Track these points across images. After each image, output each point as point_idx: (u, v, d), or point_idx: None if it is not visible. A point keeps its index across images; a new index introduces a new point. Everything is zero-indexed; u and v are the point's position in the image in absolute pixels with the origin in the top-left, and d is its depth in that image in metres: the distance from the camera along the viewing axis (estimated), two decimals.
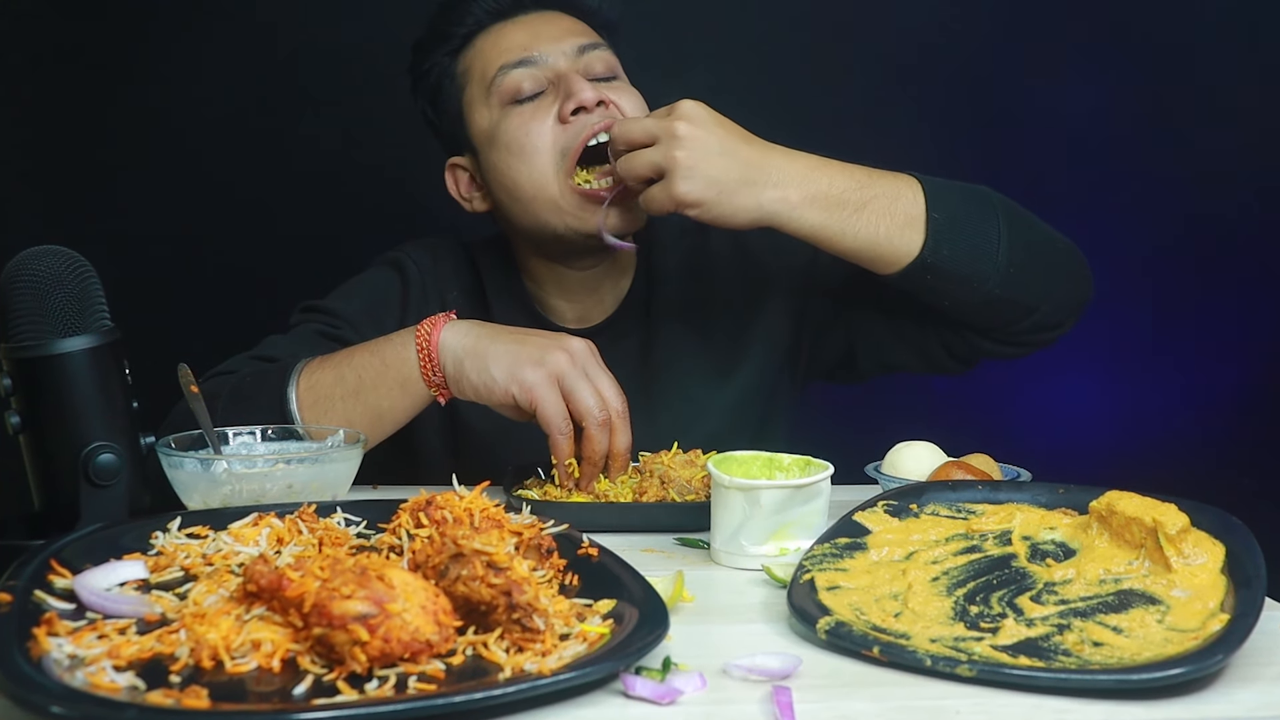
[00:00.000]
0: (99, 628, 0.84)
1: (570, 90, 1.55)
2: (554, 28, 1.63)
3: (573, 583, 0.97)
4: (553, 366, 1.32)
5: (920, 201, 1.45)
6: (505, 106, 1.59)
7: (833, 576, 1.00)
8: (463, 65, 1.65)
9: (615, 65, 1.65)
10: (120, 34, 2.23)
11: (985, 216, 1.48)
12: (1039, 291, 1.51)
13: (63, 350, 1.02)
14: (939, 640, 0.89)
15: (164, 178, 2.25)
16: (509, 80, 1.58)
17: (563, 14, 1.66)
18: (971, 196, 1.50)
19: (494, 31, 1.63)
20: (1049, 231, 1.56)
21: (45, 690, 0.73)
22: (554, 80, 1.58)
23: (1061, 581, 0.98)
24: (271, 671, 0.79)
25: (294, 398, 1.38)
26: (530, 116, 1.57)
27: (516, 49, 1.60)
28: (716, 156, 1.40)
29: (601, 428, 1.32)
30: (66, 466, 1.03)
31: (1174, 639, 0.88)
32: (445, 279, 1.72)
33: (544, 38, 1.61)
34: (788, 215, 1.42)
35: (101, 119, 2.25)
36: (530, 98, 1.58)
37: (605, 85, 1.60)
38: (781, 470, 1.19)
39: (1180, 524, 0.98)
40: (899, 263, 1.45)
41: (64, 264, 1.05)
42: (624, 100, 1.59)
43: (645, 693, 0.80)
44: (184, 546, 1.00)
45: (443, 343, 1.36)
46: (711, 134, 1.41)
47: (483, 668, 0.81)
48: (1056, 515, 1.09)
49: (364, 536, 1.05)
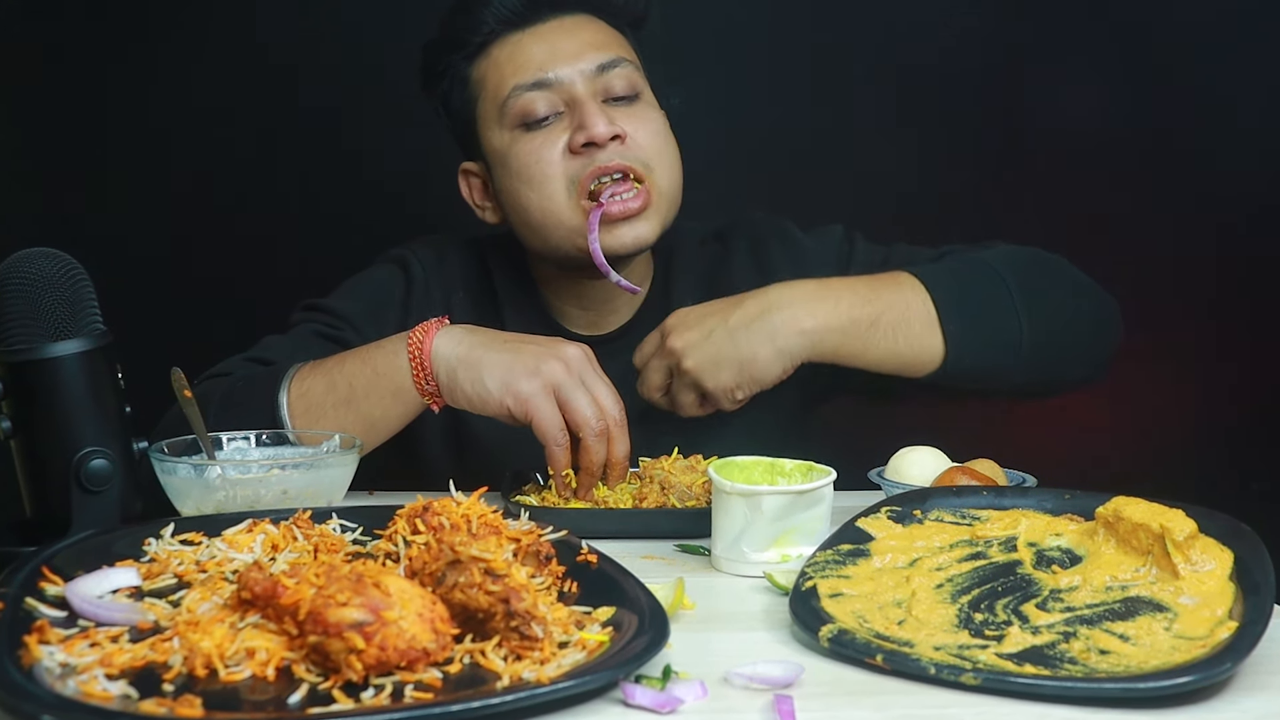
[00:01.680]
0: (91, 635, 0.84)
1: (583, 121, 1.53)
2: (573, 41, 1.58)
3: (572, 590, 0.97)
4: (548, 376, 1.30)
5: (930, 309, 1.46)
6: (517, 129, 1.57)
7: (835, 583, 1.00)
8: (477, 74, 1.62)
9: (637, 81, 1.60)
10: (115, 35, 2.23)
11: (1002, 310, 1.47)
12: (1064, 368, 1.53)
13: (55, 354, 1.02)
14: (943, 648, 0.88)
15: (157, 180, 2.25)
16: (522, 102, 1.56)
17: (584, 18, 1.61)
18: (982, 283, 1.49)
19: (510, 42, 1.59)
20: (1071, 292, 1.55)
21: (37, 699, 0.73)
22: (569, 103, 1.55)
23: (1067, 588, 0.98)
24: (266, 680, 0.79)
25: (285, 405, 1.37)
26: (542, 143, 1.55)
27: (532, 67, 1.56)
28: (723, 344, 1.43)
29: (599, 438, 1.31)
30: (58, 472, 1.03)
31: (1182, 647, 0.88)
32: (451, 279, 1.70)
33: (561, 55, 1.57)
34: (809, 349, 1.44)
35: (94, 121, 2.25)
36: (543, 120, 1.56)
37: (624, 108, 1.57)
38: (783, 476, 1.19)
39: (1188, 530, 0.98)
40: (921, 371, 1.48)
41: (56, 266, 1.05)
42: (641, 128, 1.57)
43: (645, 701, 0.80)
44: (177, 553, 1.00)
45: (435, 351, 1.35)
46: (705, 331, 1.44)
47: (480, 676, 0.81)
48: (1062, 521, 1.09)
49: (360, 543, 1.05)
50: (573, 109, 1.55)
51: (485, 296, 1.71)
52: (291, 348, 1.55)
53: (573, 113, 1.55)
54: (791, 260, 1.70)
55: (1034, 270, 1.54)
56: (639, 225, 1.56)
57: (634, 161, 1.55)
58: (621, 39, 1.64)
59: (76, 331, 1.04)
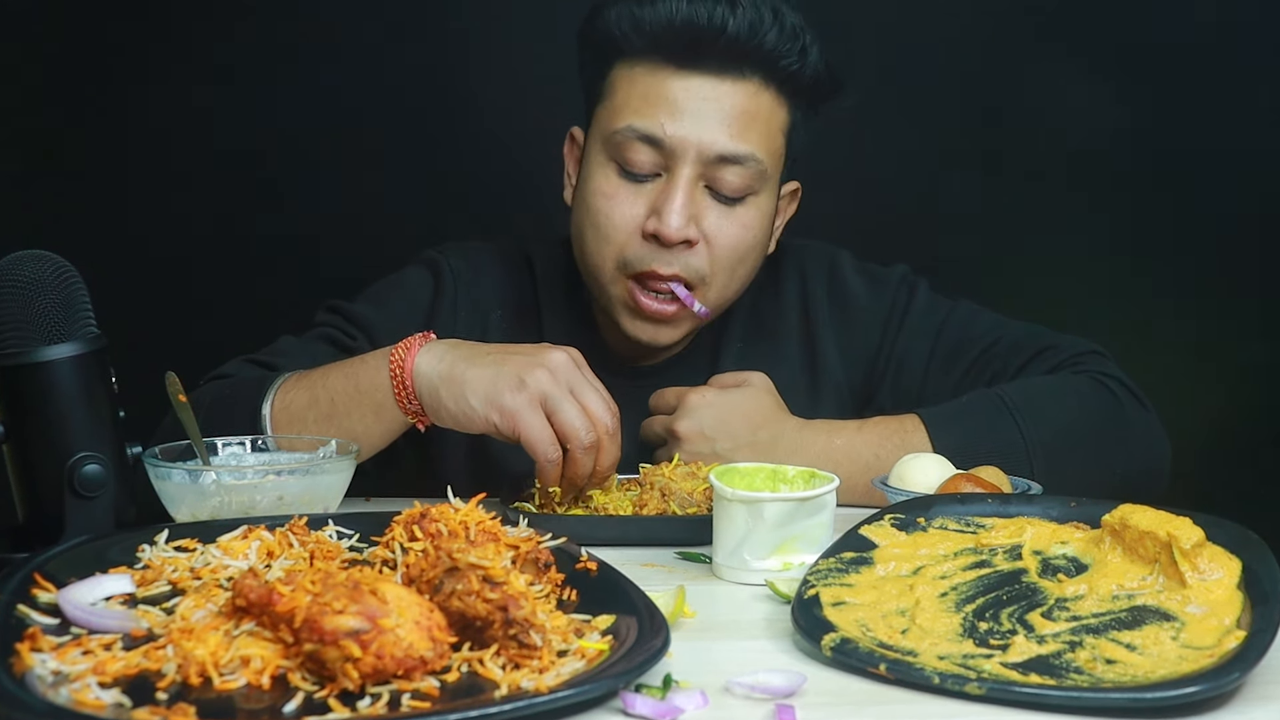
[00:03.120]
0: (84, 643, 0.84)
1: (663, 207, 1.48)
2: (712, 111, 1.48)
3: (571, 598, 0.97)
4: (534, 388, 1.27)
5: (928, 443, 1.47)
6: (609, 162, 1.52)
7: (838, 592, 1.00)
8: (612, 77, 1.54)
9: (754, 181, 1.51)
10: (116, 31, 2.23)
11: (998, 424, 1.47)
12: (1090, 474, 1.47)
13: (47, 358, 1.02)
14: (947, 657, 0.88)
15: (152, 183, 2.25)
16: (629, 147, 1.50)
17: (749, 86, 1.50)
18: (981, 410, 1.49)
19: (657, 74, 1.49)
20: (1074, 399, 1.51)
21: (29, 708, 0.73)
22: (670, 169, 1.50)
23: (1073, 597, 0.98)
24: (261, 688, 0.79)
25: (268, 416, 1.36)
26: (625, 198, 1.51)
27: (658, 115, 1.48)
28: (722, 458, 1.44)
29: (587, 451, 1.27)
30: (51, 477, 1.02)
31: (1189, 656, 0.87)
32: (485, 294, 1.66)
33: (690, 119, 1.47)
34: None
35: (90, 123, 2.25)
36: (637, 176, 1.51)
37: (722, 206, 1.51)
38: (786, 482, 1.19)
39: (1195, 538, 0.97)
40: None
41: (49, 269, 1.05)
42: (726, 233, 1.51)
43: (645, 711, 0.80)
44: (171, 560, 1.00)
45: (418, 369, 1.31)
46: (710, 443, 1.46)
47: (478, 685, 0.80)
48: (1068, 529, 1.09)
49: (356, 550, 1.05)
50: (669, 178, 1.50)
51: (528, 315, 1.67)
52: (298, 352, 1.54)
53: (667, 183, 1.50)
54: (838, 308, 1.69)
55: (1038, 384, 1.54)
56: (663, 330, 1.56)
57: (691, 273, 1.52)
58: (780, 118, 1.55)
59: (70, 335, 1.04)
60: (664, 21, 1.47)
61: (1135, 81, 2.27)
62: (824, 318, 1.69)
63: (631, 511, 1.33)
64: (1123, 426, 1.52)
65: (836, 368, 1.68)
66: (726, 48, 1.47)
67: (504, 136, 2.21)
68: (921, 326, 1.67)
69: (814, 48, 1.52)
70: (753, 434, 1.46)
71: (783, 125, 1.55)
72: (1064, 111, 2.28)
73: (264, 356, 1.54)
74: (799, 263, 1.73)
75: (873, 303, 1.70)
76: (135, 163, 2.25)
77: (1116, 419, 1.51)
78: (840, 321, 1.69)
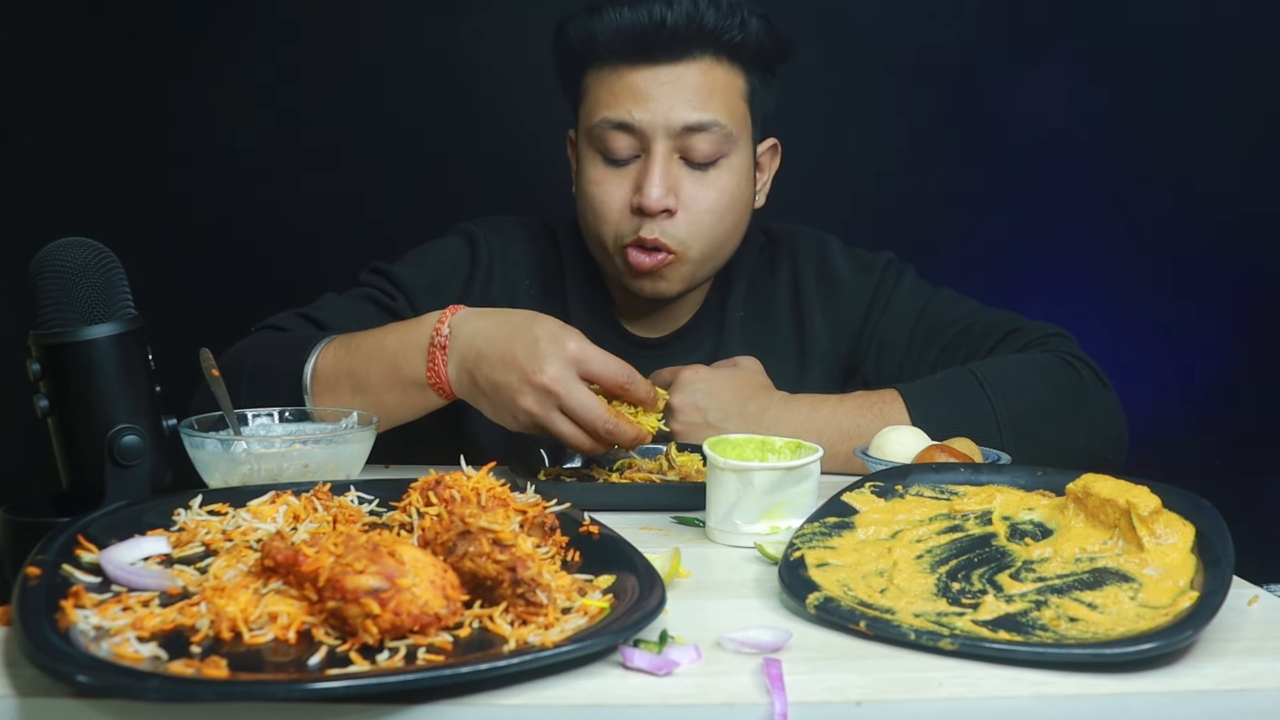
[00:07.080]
0: (123, 600, 0.84)
1: (643, 182, 1.53)
2: (672, 92, 1.52)
3: (574, 559, 0.97)
4: (525, 419, 1.27)
5: (906, 414, 1.46)
6: (594, 153, 1.58)
7: (822, 554, 1.00)
8: (586, 80, 1.60)
9: (722, 145, 1.55)
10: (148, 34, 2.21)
11: (971, 398, 1.46)
12: (1065, 436, 1.48)
13: (89, 337, 1.01)
14: (922, 615, 0.88)
15: (188, 172, 2.23)
16: (606, 137, 1.55)
17: (703, 64, 1.54)
18: (955, 385, 1.49)
19: (617, 73, 1.54)
20: (1040, 374, 1.51)
21: (72, 660, 0.73)
22: (645, 149, 1.54)
23: (1039, 560, 0.98)
24: (288, 643, 0.79)
25: (309, 376, 1.37)
26: (612, 181, 1.57)
27: (623, 107, 1.53)
28: (714, 426, 1.43)
29: (595, 448, 1.27)
30: (92, 447, 1.02)
31: (1146, 615, 0.87)
32: (515, 265, 1.70)
33: (653, 103, 1.52)
34: None
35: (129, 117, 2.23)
36: (622, 161, 1.56)
37: (697, 173, 1.55)
38: (774, 452, 1.19)
39: (1152, 505, 0.97)
40: None
41: (90, 255, 1.04)
42: (702, 198, 1.55)
43: (643, 664, 0.80)
44: (205, 523, 1.00)
45: (452, 380, 1.31)
46: (702, 413, 1.44)
47: (488, 640, 0.80)
48: (1035, 497, 1.09)
49: (376, 514, 1.05)
50: (647, 157, 1.54)
51: (554, 287, 1.71)
52: (342, 309, 1.57)
53: (646, 161, 1.55)
54: (825, 287, 1.72)
55: (1008, 362, 1.53)
56: (659, 282, 1.60)
57: (671, 240, 1.56)
58: (737, 85, 1.57)
59: (109, 316, 1.03)
60: (612, 29, 1.53)
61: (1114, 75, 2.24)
62: (813, 296, 1.72)
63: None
64: (1085, 401, 1.51)
65: (824, 340, 1.71)
66: (671, 38, 1.52)
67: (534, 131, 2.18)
68: (905, 308, 1.69)
69: (753, 18, 1.55)
70: (742, 406, 1.46)
71: (741, 91, 1.59)
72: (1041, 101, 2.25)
73: (311, 311, 1.57)
74: (791, 247, 1.77)
75: (858, 282, 1.72)
76: (161, 158, 2.23)
77: (1079, 395, 1.51)
78: (828, 299, 1.73)
